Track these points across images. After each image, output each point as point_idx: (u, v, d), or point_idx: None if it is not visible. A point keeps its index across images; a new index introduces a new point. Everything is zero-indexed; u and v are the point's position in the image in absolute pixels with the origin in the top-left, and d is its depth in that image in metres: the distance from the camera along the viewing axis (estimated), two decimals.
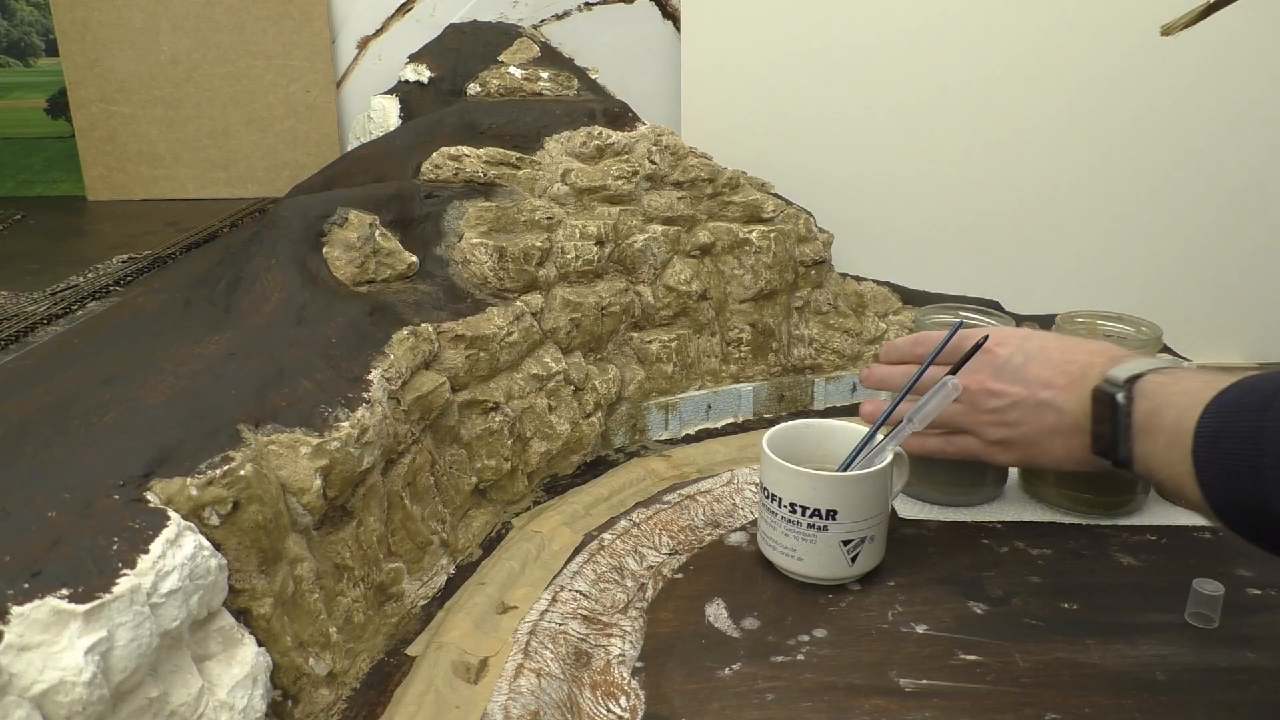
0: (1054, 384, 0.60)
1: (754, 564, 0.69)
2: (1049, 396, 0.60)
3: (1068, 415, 0.59)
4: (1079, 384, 0.58)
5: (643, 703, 0.55)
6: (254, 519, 0.48)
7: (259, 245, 0.70)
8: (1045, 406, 0.60)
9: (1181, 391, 0.52)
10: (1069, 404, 0.59)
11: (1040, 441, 0.61)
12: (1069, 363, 0.60)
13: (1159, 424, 0.53)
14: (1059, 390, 0.59)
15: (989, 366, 0.63)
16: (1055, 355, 0.61)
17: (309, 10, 1.16)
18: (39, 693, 0.36)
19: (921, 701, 0.55)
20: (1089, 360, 0.59)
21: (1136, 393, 0.55)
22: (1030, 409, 0.61)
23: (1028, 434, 0.62)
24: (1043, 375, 0.60)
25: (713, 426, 0.91)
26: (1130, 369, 0.56)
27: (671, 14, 1.14)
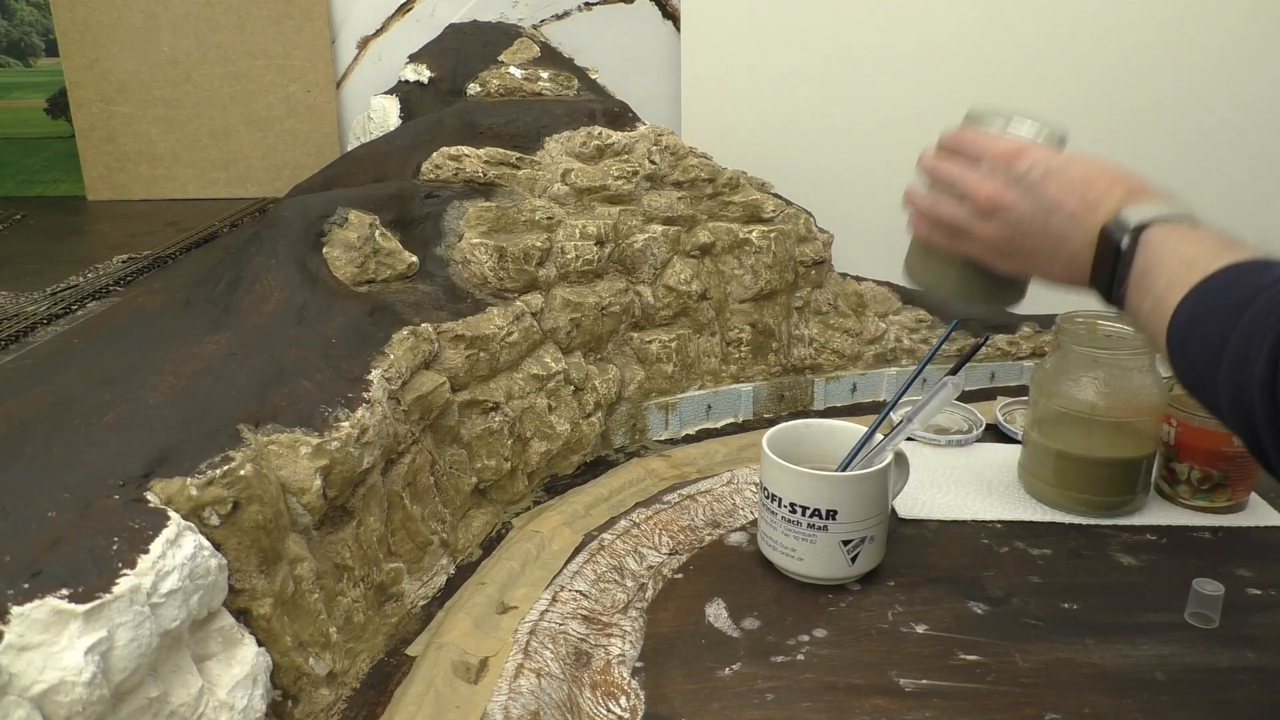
0: (1066, 207, 0.56)
1: (754, 564, 0.69)
2: (1058, 221, 0.56)
3: (1073, 243, 0.55)
4: (1090, 214, 0.55)
5: (643, 703, 0.55)
6: (254, 519, 0.48)
7: (259, 245, 0.70)
8: (1053, 229, 0.57)
9: (1178, 258, 0.50)
10: (1076, 232, 0.55)
11: (1041, 261, 0.58)
12: (1088, 187, 0.55)
13: (1150, 286, 0.51)
14: (1069, 216, 0.56)
15: (1004, 173, 0.59)
16: (1076, 176, 0.56)
17: (309, 10, 1.16)
18: (39, 693, 0.36)
19: (921, 701, 0.55)
20: (1107, 189, 0.55)
21: (1140, 243, 0.52)
22: (1037, 228, 0.57)
23: (1030, 251, 0.58)
24: (1057, 196, 0.56)
25: (713, 426, 0.91)
26: (1142, 214, 0.52)
27: (671, 14, 1.14)
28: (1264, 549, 0.72)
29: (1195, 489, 0.76)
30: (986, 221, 0.59)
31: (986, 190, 0.59)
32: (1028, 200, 0.57)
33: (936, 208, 0.62)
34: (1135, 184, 0.55)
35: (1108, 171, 0.56)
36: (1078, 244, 0.55)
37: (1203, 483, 0.76)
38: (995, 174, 0.59)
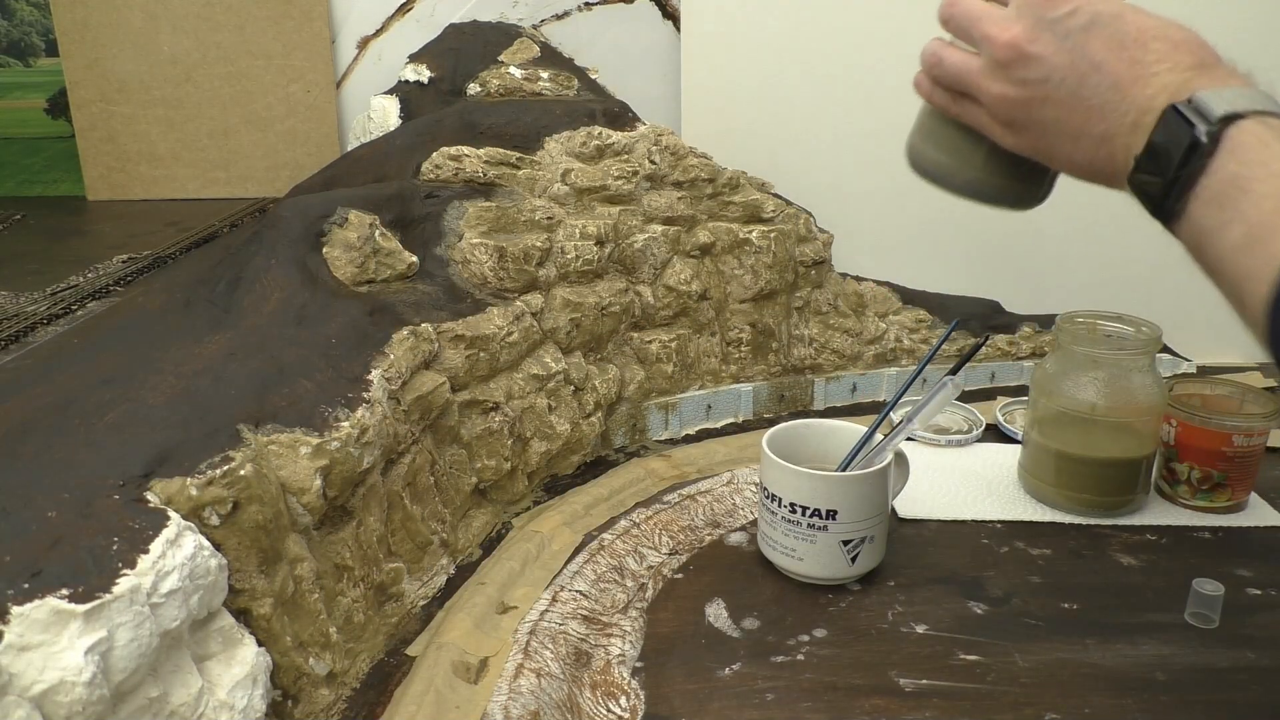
0: (1111, 69, 0.43)
1: (754, 564, 0.69)
2: (1096, 86, 0.44)
3: (1111, 118, 0.43)
4: (1141, 83, 0.42)
5: (643, 703, 0.55)
6: (254, 519, 0.48)
7: (259, 245, 0.70)
8: (1086, 96, 0.44)
9: None
10: (1119, 105, 0.43)
11: (1062, 139, 0.46)
12: (1142, 47, 0.43)
13: (1241, 206, 0.38)
14: (1112, 81, 0.43)
15: (1035, 18, 0.46)
16: (1130, 31, 0.44)
17: (309, 10, 1.16)
18: (39, 693, 0.36)
19: (921, 701, 0.55)
20: (1167, 54, 0.43)
21: (1228, 141, 0.39)
22: (1066, 91, 0.45)
23: (1049, 123, 0.46)
24: (1102, 54, 0.44)
25: (713, 426, 0.91)
26: (1229, 99, 0.40)
27: (671, 14, 1.14)
28: (1264, 549, 0.72)
29: (1195, 489, 0.76)
30: (1002, 76, 0.47)
31: (1010, 33, 0.46)
32: (1062, 52, 0.45)
33: (941, 55, 0.50)
34: (1206, 54, 0.43)
35: (1171, 31, 0.44)
36: (1116, 121, 0.43)
37: (1203, 483, 0.76)
38: (1025, 14, 0.47)
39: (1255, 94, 0.40)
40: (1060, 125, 0.46)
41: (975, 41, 0.48)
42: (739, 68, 1.06)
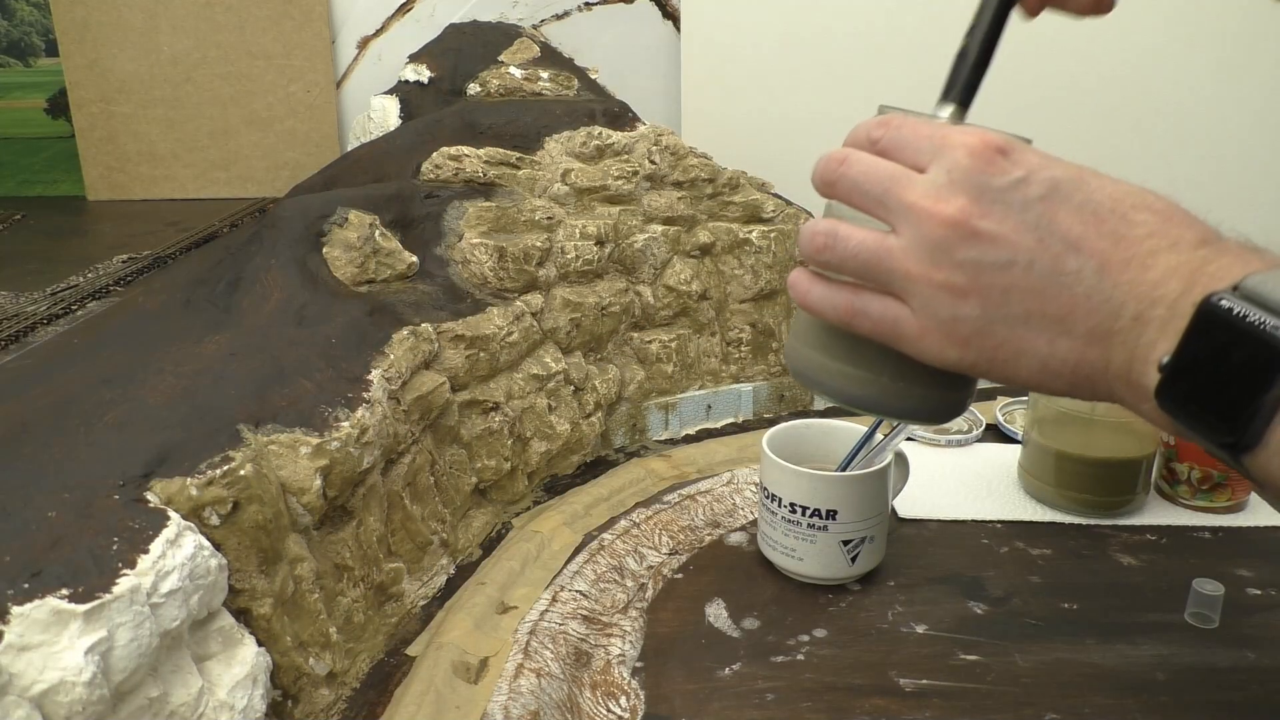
0: (1092, 247, 0.33)
1: (754, 564, 0.69)
2: (1077, 268, 0.33)
3: (1105, 310, 0.33)
4: (1141, 265, 0.33)
5: (643, 703, 0.55)
6: (254, 519, 0.48)
7: (259, 245, 0.70)
8: (1069, 283, 0.34)
9: None
10: (1115, 293, 0.33)
11: (1029, 341, 0.35)
12: (1124, 220, 0.34)
13: None
14: (1100, 263, 0.33)
15: (976, 186, 0.35)
16: (1101, 199, 0.34)
17: (309, 10, 1.16)
18: (39, 693, 0.36)
19: (921, 701, 0.55)
20: (1163, 229, 0.33)
21: None
22: (1039, 278, 0.34)
23: (1015, 319, 0.35)
24: (1073, 229, 0.34)
25: (713, 426, 0.91)
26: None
27: (671, 14, 1.14)
28: (1264, 549, 0.72)
29: (1195, 489, 0.76)
30: (942, 260, 0.35)
31: (952, 205, 0.35)
32: (1025, 229, 0.34)
33: (838, 233, 0.38)
34: (1202, 226, 0.34)
35: (1151, 201, 0.34)
36: (1109, 314, 0.33)
37: (1203, 483, 0.76)
38: (962, 182, 0.35)
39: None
40: (1029, 323, 0.34)
41: (890, 215, 0.36)
42: (739, 68, 1.06)
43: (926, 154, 0.36)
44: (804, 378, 0.41)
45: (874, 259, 0.36)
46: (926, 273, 0.35)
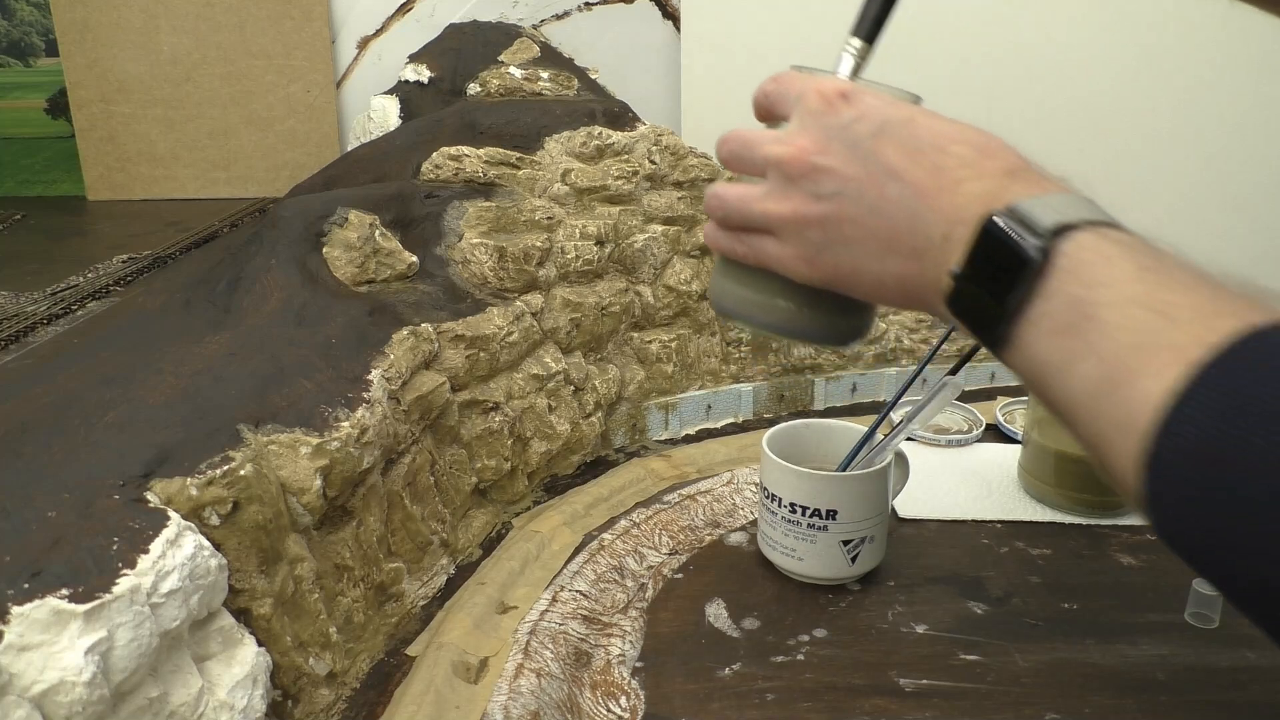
0: (909, 176, 0.38)
1: (754, 564, 0.69)
2: (897, 194, 0.38)
3: (919, 232, 0.38)
4: (948, 192, 0.37)
5: (643, 703, 0.55)
6: (254, 519, 0.48)
7: (259, 245, 0.70)
8: (886, 208, 0.38)
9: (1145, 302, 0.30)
10: (928, 215, 0.37)
11: (865, 258, 0.40)
12: (941, 151, 0.38)
13: (1093, 336, 0.31)
14: (914, 189, 0.38)
15: (820, 127, 0.40)
16: (924, 135, 0.39)
17: (309, 10, 1.16)
18: (39, 693, 0.36)
19: (921, 701, 0.55)
20: (973, 158, 0.37)
21: (1064, 258, 0.33)
22: (867, 205, 0.39)
23: (851, 241, 0.40)
24: (896, 160, 0.38)
25: (713, 426, 0.91)
26: (1060, 207, 0.34)
27: (671, 14, 1.14)
28: None
29: None
30: (793, 193, 0.41)
31: (796, 145, 0.40)
32: (854, 161, 0.39)
33: (720, 193, 0.44)
34: (1013, 159, 0.38)
35: (970, 135, 0.39)
36: (924, 235, 0.37)
37: None
38: (808, 124, 0.41)
39: (1082, 200, 0.35)
40: (864, 245, 0.40)
41: (759, 167, 0.42)
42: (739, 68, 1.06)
43: (791, 103, 0.42)
44: (721, 309, 0.48)
45: (744, 207, 0.43)
46: (779, 208, 0.41)
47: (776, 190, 0.41)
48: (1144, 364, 0.29)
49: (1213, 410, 0.28)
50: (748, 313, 0.46)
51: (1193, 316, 0.29)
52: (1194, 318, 0.29)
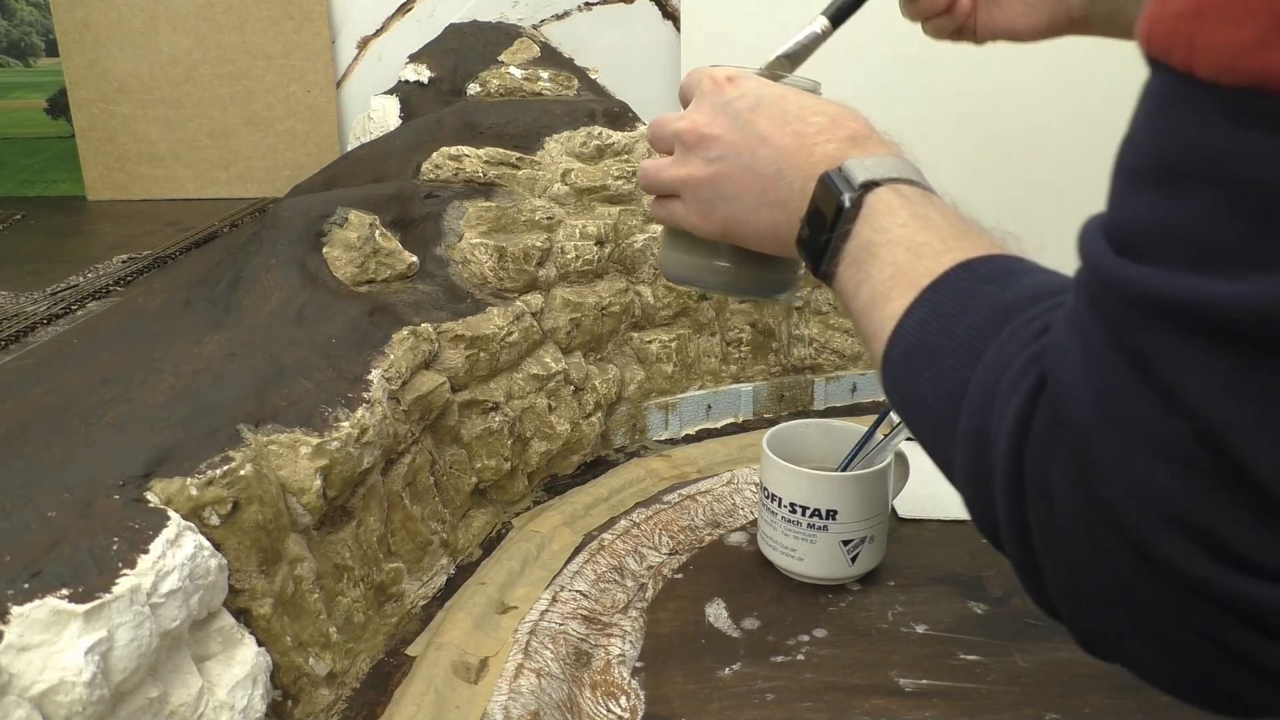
0: (776, 141, 0.46)
1: (754, 564, 0.69)
2: (767, 155, 0.46)
3: (783, 186, 0.45)
4: (806, 152, 0.45)
5: (643, 703, 0.55)
6: (254, 519, 0.48)
7: (259, 245, 0.70)
8: (760, 168, 0.46)
9: (906, 241, 0.39)
10: (789, 172, 0.45)
11: (745, 211, 0.47)
12: (803, 121, 0.46)
13: (871, 268, 0.40)
14: (780, 151, 0.46)
15: (709, 103, 0.49)
16: (791, 108, 0.47)
17: (309, 10, 1.16)
18: (39, 693, 0.36)
19: (921, 701, 0.55)
20: (827, 126, 0.45)
21: (866, 208, 0.41)
22: (741, 165, 0.47)
23: (733, 196, 0.48)
24: (766, 128, 0.47)
25: (713, 426, 0.91)
26: (871, 167, 0.42)
27: (671, 14, 1.14)
28: None
29: None
30: (689, 159, 0.49)
31: (690, 119, 0.49)
32: (734, 130, 0.47)
33: (643, 167, 0.52)
34: (860, 127, 0.46)
35: (829, 108, 0.47)
36: (786, 189, 0.45)
37: None
38: (702, 102, 0.49)
39: (896, 162, 0.43)
40: (742, 199, 0.47)
41: (670, 142, 0.50)
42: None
43: (696, 90, 0.50)
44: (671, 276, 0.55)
45: (656, 174, 0.51)
46: (679, 172, 0.49)
47: (678, 158, 0.50)
48: (893, 290, 0.38)
49: (918, 321, 0.36)
50: (694, 275, 0.53)
51: (932, 253, 0.37)
52: (932, 254, 0.37)
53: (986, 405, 0.32)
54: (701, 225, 0.50)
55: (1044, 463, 0.29)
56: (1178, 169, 0.26)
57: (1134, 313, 0.26)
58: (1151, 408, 0.26)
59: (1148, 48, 0.26)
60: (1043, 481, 0.29)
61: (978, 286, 0.36)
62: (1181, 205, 0.26)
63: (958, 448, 0.33)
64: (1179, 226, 0.26)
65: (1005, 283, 0.35)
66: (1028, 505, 0.30)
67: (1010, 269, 0.36)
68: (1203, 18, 0.24)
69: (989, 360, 0.33)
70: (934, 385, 0.35)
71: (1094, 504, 0.28)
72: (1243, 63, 0.23)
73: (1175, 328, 0.25)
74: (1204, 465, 0.25)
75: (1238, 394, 0.25)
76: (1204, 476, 0.25)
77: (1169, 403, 0.26)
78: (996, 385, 0.32)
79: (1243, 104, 0.24)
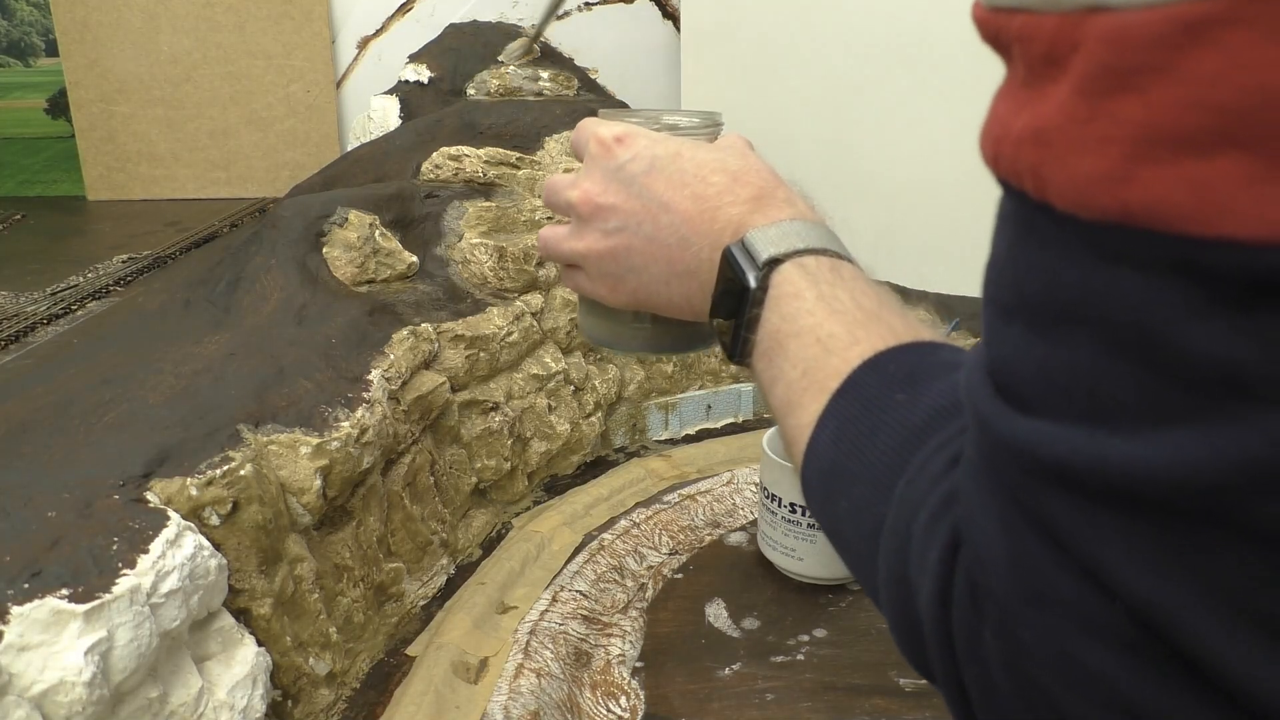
0: (677, 207, 0.42)
1: (754, 564, 0.69)
2: (669, 223, 0.42)
3: (689, 255, 0.42)
4: (709, 217, 0.41)
5: (643, 703, 0.55)
6: (254, 519, 0.48)
7: (259, 245, 0.70)
8: (662, 236, 0.43)
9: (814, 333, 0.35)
10: (694, 240, 0.42)
11: (654, 282, 0.44)
12: (703, 181, 0.42)
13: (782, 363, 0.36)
14: (682, 217, 0.42)
15: (600, 170, 0.45)
16: (689, 168, 0.43)
17: (309, 10, 1.16)
18: (39, 693, 0.36)
19: (921, 701, 0.55)
20: (729, 186, 0.42)
21: (773, 289, 0.37)
22: (644, 235, 0.43)
23: (640, 269, 0.44)
24: (665, 193, 0.43)
25: (713, 426, 0.91)
26: (774, 239, 0.38)
27: (671, 14, 1.14)
28: None
29: None
30: (587, 231, 0.45)
31: (582, 189, 0.45)
32: (631, 198, 0.44)
33: (542, 235, 0.49)
34: (763, 183, 0.42)
35: (729, 163, 0.43)
36: (693, 258, 0.41)
37: None
38: (591, 169, 0.46)
39: (801, 228, 0.39)
40: (649, 270, 0.44)
41: (565, 210, 0.47)
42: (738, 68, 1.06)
43: (582, 149, 0.46)
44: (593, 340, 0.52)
45: (555, 246, 0.47)
46: (577, 245, 0.46)
47: (575, 229, 0.46)
48: (805, 393, 0.34)
49: (830, 438, 0.32)
50: (613, 340, 0.50)
51: (840, 347, 0.34)
52: (840, 348, 0.34)
53: (903, 552, 0.29)
54: (610, 297, 0.46)
55: (973, 631, 0.26)
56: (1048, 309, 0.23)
57: (1031, 479, 0.23)
58: (1073, 586, 0.22)
59: (994, 168, 0.23)
60: (972, 649, 0.26)
61: (887, 395, 0.32)
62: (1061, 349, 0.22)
63: (881, 594, 0.30)
64: (1061, 372, 0.22)
65: (915, 389, 0.31)
66: (962, 670, 0.26)
67: (919, 367, 0.33)
68: (1049, 146, 0.21)
69: (900, 495, 0.29)
70: (852, 519, 0.32)
71: (1034, 690, 0.24)
72: (1099, 199, 0.20)
73: (1078, 495, 0.22)
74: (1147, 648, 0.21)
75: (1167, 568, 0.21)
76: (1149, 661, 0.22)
77: (1091, 580, 0.22)
78: (909, 531, 0.28)
79: (1106, 240, 0.20)
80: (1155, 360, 0.20)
